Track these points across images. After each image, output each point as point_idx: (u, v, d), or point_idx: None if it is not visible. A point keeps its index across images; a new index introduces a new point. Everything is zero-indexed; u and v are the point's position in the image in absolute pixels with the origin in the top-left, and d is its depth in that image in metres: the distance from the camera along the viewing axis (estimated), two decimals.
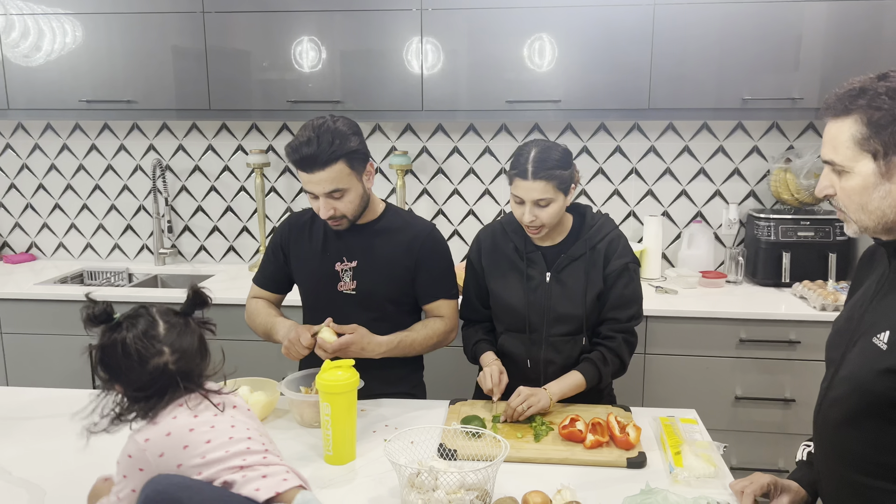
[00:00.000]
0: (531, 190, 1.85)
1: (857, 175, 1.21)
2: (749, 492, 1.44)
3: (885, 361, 1.19)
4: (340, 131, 1.89)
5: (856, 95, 1.19)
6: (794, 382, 2.82)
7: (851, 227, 1.29)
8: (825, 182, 1.28)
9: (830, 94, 1.25)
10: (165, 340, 1.26)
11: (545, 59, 2.90)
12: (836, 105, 1.22)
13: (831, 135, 1.24)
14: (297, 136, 1.90)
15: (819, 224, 3.05)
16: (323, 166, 1.86)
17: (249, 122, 3.44)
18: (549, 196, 1.86)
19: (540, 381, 1.96)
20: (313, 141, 1.86)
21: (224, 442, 1.26)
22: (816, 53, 2.81)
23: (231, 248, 3.60)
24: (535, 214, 1.88)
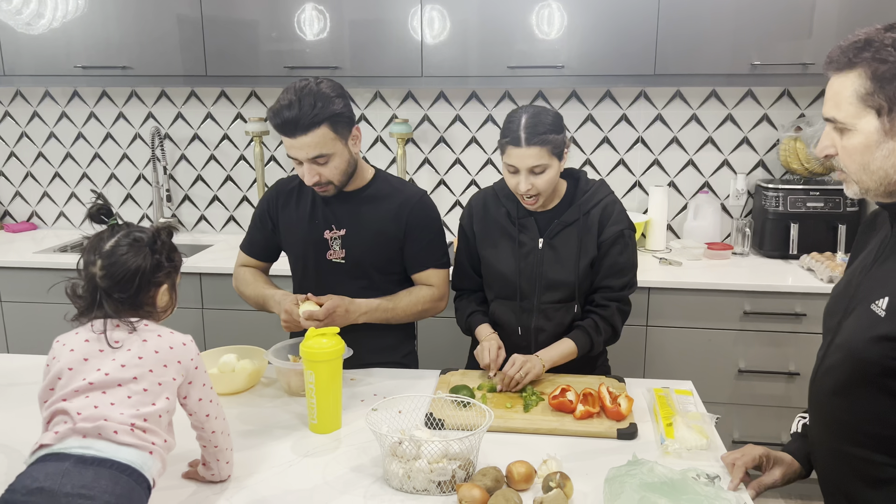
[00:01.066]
0: (525, 157, 1.79)
1: (860, 133, 1.14)
2: (740, 464, 1.40)
3: (882, 328, 1.14)
4: (323, 94, 1.82)
5: (861, 48, 1.12)
6: (798, 355, 2.76)
7: (852, 188, 1.22)
8: (826, 141, 1.21)
9: (834, 47, 1.18)
10: (104, 254, 1.30)
11: (550, 24, 2.81)
12: (840, 58, 1.15)
13: (834, 90, 1.17)
14: (279, 99, 1.84)
15: (829, 195, 2.96)
16: (305, 130, 1.80)
17: (248, 90, 3.39)
18: (543, 162, 1.80)
19: (531, 349, 1.92)
20: (294, 104, 1.80)
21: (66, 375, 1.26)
22: (830, 17, 2.71)
23: (231, 218, 3.57)
24: (530, 183, 1.81)
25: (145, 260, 1.32)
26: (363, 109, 3.35)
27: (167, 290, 1.39)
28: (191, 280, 2.98)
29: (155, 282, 1.34)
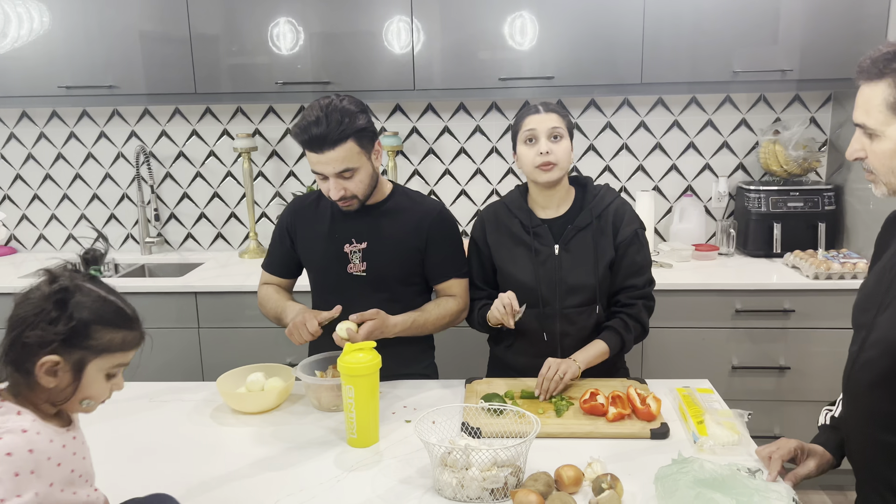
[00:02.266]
0: (545, 120, 1.90)
1: (889, 139, 1.22)
2: (777, 457, 1.46)
3: None
4: (348, 110, 1.86)
5: (890, 59, 1.20)
6: (788, 351, 2.87)
7: (880, 189, 1.31)
8: (856, 145, 1.29)
9: (864, 57, 1.26)
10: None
11: (535, 36, 2.88)
12: (871, 69, 1.23)
13: (864, 98, 1.25)
14: (304, 116, 1.87)
15: (808, 194, 3.09)
16: (333, 145, 1.83)
17: (234, 106, 3.38)
18: (560, 125, 1.91)
19: (557, 354, 1.96)
20: (322, 120, 1.83)
21: None
22: (797, 26, 2.83)
23: (219, 235, 3.54)
24: (549, 148, 1.89)
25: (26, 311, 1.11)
26: None
27: (60, 370, 1.11)
28: (187, 299, 2.96)
29: (35, 348, 1.10)
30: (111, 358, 1.16)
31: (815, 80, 2.90)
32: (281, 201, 3.47)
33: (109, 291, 1.19)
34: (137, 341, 1.20)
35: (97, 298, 1.15)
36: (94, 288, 1.16)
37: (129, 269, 3.38)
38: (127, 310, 1.19)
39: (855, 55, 2.76)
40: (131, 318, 1.19)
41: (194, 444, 1.69)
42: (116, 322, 1.16)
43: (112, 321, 1.15)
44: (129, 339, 1.18)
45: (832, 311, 2.82)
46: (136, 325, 1.20)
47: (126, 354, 1.19)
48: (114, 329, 1.15)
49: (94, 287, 1.17)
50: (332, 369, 1.89)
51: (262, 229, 3.48)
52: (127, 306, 1.20)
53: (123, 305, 1.19)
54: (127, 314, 1.19)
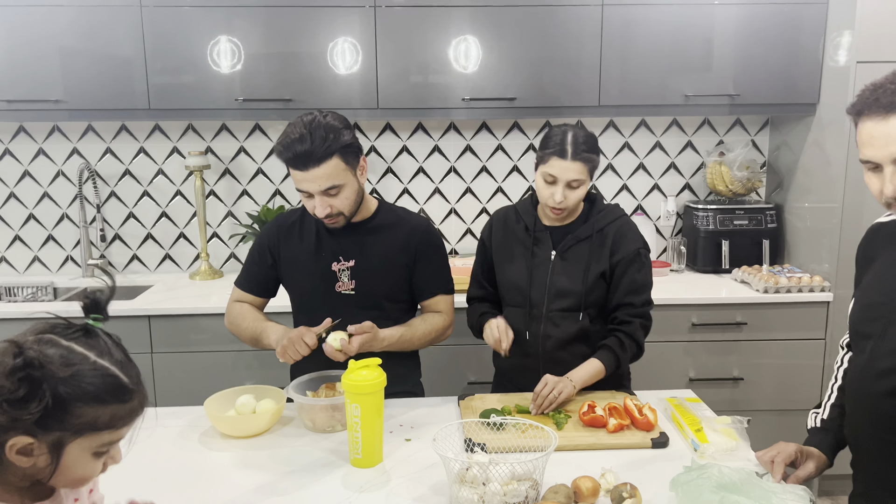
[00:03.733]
0: (568, 170, 1.89)
1: None
2: (779, 460, 1.52)
3: None
4: (333, 126, 1.84)
5: None
6: (741, 362, 3.00)
7: None
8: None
9: (869, 92, 1.28)
10: None
11: (504, 60, 2.93)
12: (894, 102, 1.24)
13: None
14: (287, 133, 1.84)
15: (752, 213, 3.26)
16: (318, 162, 1.80)
17: (185, 123, 3.27)
18: (582, 178, 1.91)
19: (539, 354, 2.01)
20: (306, 137, 1.80)
21: None
22: (740, 55, 2.98)
23: (167, 257, 3.41)
24: (564, 195, 1.91)
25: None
26: None
27: (36, 450, 0.97)
28: (138, 323, 2.83)
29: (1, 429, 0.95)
30: (97, 437, 0.99)
31: (756, 105, 3.07)
32: (234, 221, 3.37)
33: (103, 352, 1.01)
34: (132, 415, 1.02)
35: (79, 368, 0.97)
36: (82, 350, 0.99)
37: (69, 294, 3.21)
38: (122, 377, 1.00)
39: (790, 83, 2.99)
40: (126, 388, 1.00)
41: (188, 472, 1.61)
42: (103, 396, 0.98)
43: (98, 395, 0.97)
44: (119, 415, 1.00)
45: (781, 323, 2.97)
46: (131, 396, 1.01)
47: (116, 432, 1.01)
48: (100, 404, 0.98)
49: (82, 350, 0.99)
50: (325, 389, 1.85)
51: (213, 250, 3.37)
52: (125, 372, 1.01)
53: (118, 372, 1.00)
54: (121, 383, 1.00)
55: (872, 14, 2.76)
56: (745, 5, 2.95)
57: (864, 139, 1.32)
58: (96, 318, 1.05)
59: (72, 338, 1.01)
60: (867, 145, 1.32)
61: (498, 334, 1.93)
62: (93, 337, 1.02)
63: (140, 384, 1.04)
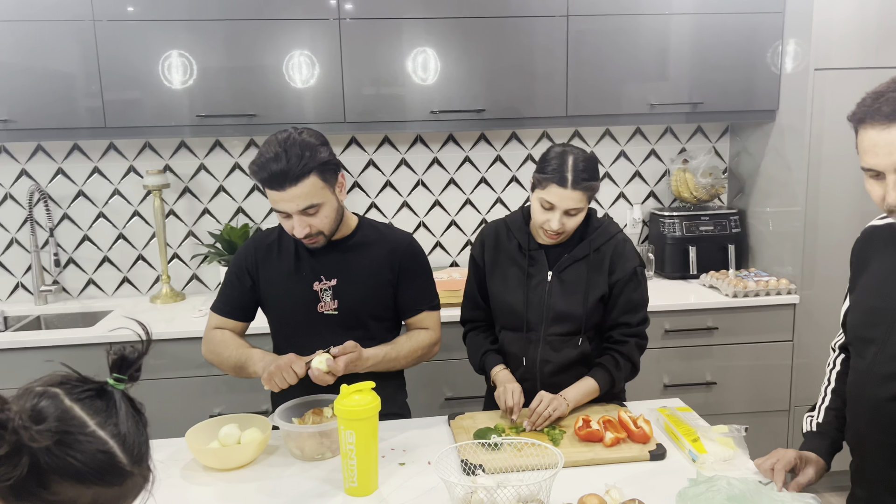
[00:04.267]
0: (567, 198, 1.82)
1: None
2: (780, 468, 1.52)
3: None
4: (309, 143, 1.78)
5: None
6: (713, 367, 3.03)
7: None
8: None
9: (870, 101, 1.29)
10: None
11: (474, 74, 2.91)
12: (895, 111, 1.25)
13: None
14: (262, 152, 1.77)
15: (717, 218, 3.31)
16: (295, 181, 1.74)
17: (142, 141, 3.16)
18: (581, 206, 1.84)
19: (536, 379, 1.96)
20: (281, 156, 1.73)
21: None
22: (702, 64, 3.03)
23: (125, 280, 3.27)
24: (562, 223, 1.85)
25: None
26: None
27: None
28: (97, 352, 2.70)
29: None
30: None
31: (717, 113, 3.12)
32: (195, 241, 3.26)
33: (107, 421, 0.88)
34: (120, 500, 0.90)
35: (73, 437, 0.85)
36: (82, 415, 0.87)
37: (21, 322, 3.05)
38: (119, 455, 0.87)
39: (750, 91, 3.05)
40: (119, 468, 0.88)
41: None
42: (89, 475, 0.85)
43: (82, 473, 0.85)
44: (103, 499, 0.87)
45: (750, 326, 3.01)
46: (123, 479, 0.89)
47: None
48: (81, 484, 0.85)
49: (83, 414, 0.87)
50: (312, 415, 1.78)
51: (174, 272, 3.26)
52: (124, 448, 0.88)
53: (116, 448, 0.87)
54: (114, 462, 0.87)
55: (827, 22, 2.84)
56: (704, 15, 3.00)
57: (867, 147, 1.32)
58: (119, 378, 0.94)
59: (78, 398, 0.89)
60: (869, 153, 1.32)
61: (512, 403, 1.84)
62: (104, 400, 0.90)
63: (142, 464, 0.91)
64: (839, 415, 1.61)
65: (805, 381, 3.08)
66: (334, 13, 2.82)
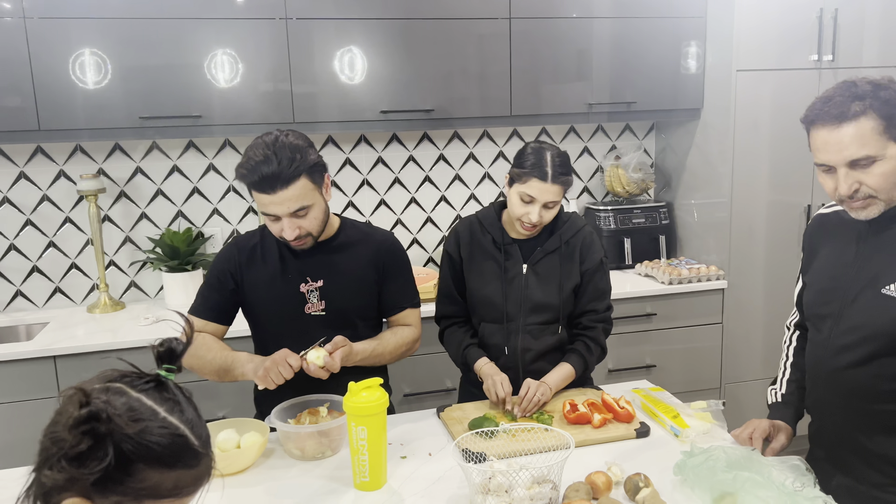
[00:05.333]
0: (548, 192, 1.92)
1: (891, 158, 1.42)
2: (757, 436, 1.67)
3: None
4: (297, 145, 1.79)
5: (859, 97, 1.41)
6: (652, 350, 3.22)
7: (877, 208, 1.46)
8: (849, 181, 1.44)
9: (821, 104, 1.45)
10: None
11: (422, 74, 2.96)
12: (847, 110, 1.41)
13: (852, 135, 1.41)
14: (250, 155, 1.77)
15: (648, 211, 3.51)
16: (286, 184, 1.75)
17: (72, 145, 3.01)
18: (558, 199, 1.95)
19: (518, 369, 2.05)
20: (272, 159, 1.73)
21: None
22: (632, 65, 3.21)
23: (57, 290, 3.11)
24: (541, 215, 1.94)
25: (51, 438, 0.88)
26: (212, 159, 3.17)
27: None
28: (41, 366, 2.58)
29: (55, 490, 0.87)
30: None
31: (647, 112, 3.32)
32: (133, 247, 3.15)
33: (174, 408, 0.92)
34: (196, 483, 0.93)
35: (149, 424, 0.88)
36: (151, 405, 0.90)
37: None
38: (192, 438, 0.91)
39: (677, 90, 3.25)
40: (194, 450, 0.91)
41: None
42: (170, 459, 0.89)
43: (163, 457, 0.88)
44: (183, 481, 0.91)
45: (684, 311, 3.22)
46: (199, 460, 0.92)
47: (178, 501, 0.91)
48: (165, 468, 0.88)
49: (152, 403, 0.90)
50: (308, 415, 1.79)
51: (112, 279, 3.13)
52: (195, 432, 0.92)
53: (188, 432, 0.91)
54: (189, 445, 0.90)
55: (748, 27, 3.07)
56: (634, 19, 3.17)
57: (819, 146, 1.49)
58: (170, 369, 0.96)
59: (142, 389, 0.92)
60: (821, 151, 1.49)
61: (503, 394, 1.92)
62: (164, 390, 0.93)
63: (208, 448, 0.95)
64: (800, 385, 1.77)
65: (733, 361, 3.33)
66: (281, 13, 2.80)
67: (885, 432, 1.53)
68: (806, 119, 1.52)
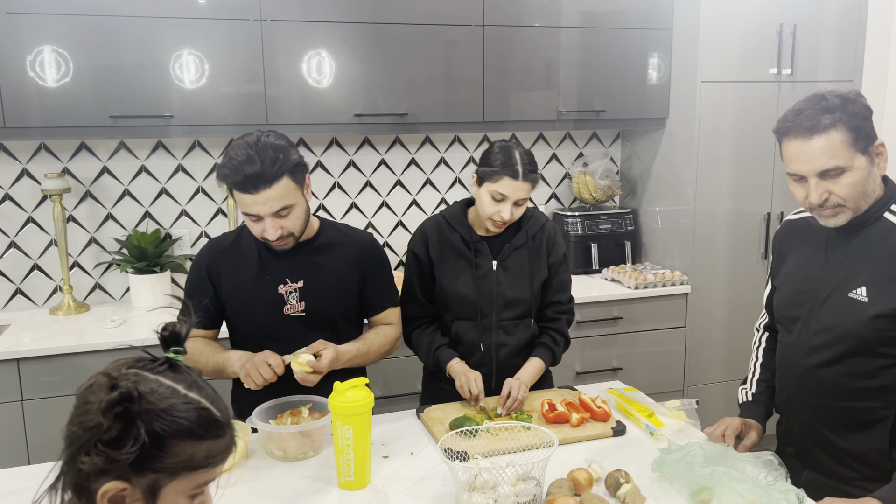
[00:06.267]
0: (519, 189, 1.95)
1: (859, 169, 1.50)
2: (730, 433, 1.73)
3: (871, 310, 1.51)
4: (279, 145, 1.79)
5: (828, 110, 1.47)
6: (619, 353, 3.29)
7: (845, 216, 1.53)
8: (819, 190, 1.51)
9: (793, 116, 1.51)
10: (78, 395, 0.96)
11: (396, 77, 2.98)
12: (818, 123, 1.47)
13: (822, 147, 1.47)
14: (232, 156, 1.76)
15: (614, 217, 3.58)
16: (269, 184, 1.75)
17: (36, 143, 2.95)
18: (528, 195, 2.00)
19: (493, 364, 2.09)
20: (255, 158, 1.74)
21: None
22: (600, 75, 3.28)
23: (18, 292, 3.03)
24: (512, 212, 1.98)
25: (81, 425, 0.90)
26: (181, 160, 3.14)
27: (128, 497, 0.90)
28: (5, 368, 2.52)
29: (93, 475, 0.89)
30: (193, 477, 0.93)
31: (615, 120, 3.39)
32: (98, 248, 3.09)
33: (192, 385, 0.95)
34: (226, 452, 0.97)
35: (173, 401, 0.91)
36: (171, 384, 0.93)
37: None
38: (215, 411, 0.95)
39: (644, 100, 3.34)
40: (219, 422, 0.95)
41: None
42: (199, 431, 0.92)
43: (193, 431, 0.92)
44: (215, 451, 0.95)
45: (649, 315, 3.30)
46: (225, 430, 0.97)
47: (211, 471, 0.96)
48: (196, 441, 0.92)
49: (171, 383, 0.93)
50: (290, 415, 1.79)
51: (76, 281, 3.06)
52: (216, 405, 0.96)
53: (210, 405, 0.95)
54: (214, 417, 0.94)
55: (712, 40, 3.17)
56: (602, 29, 3.25)
57: (790, 156, 1.56)
58: (178, 351, 0.99)
59: (158, 371, 0.94)
60: (793, 161, 1.55)
61: (476, 391, 1.95)
62: (178, 371, 0.96)
63: (230, 419, 1.00)
64: (769, 385, 1.84)
65: (696, 363, 3.42)
66: (255, 14, 2.79)
67: (853, 429, 1.60)
68: (778, 131, 1.59)
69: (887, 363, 1.53)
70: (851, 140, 1.48)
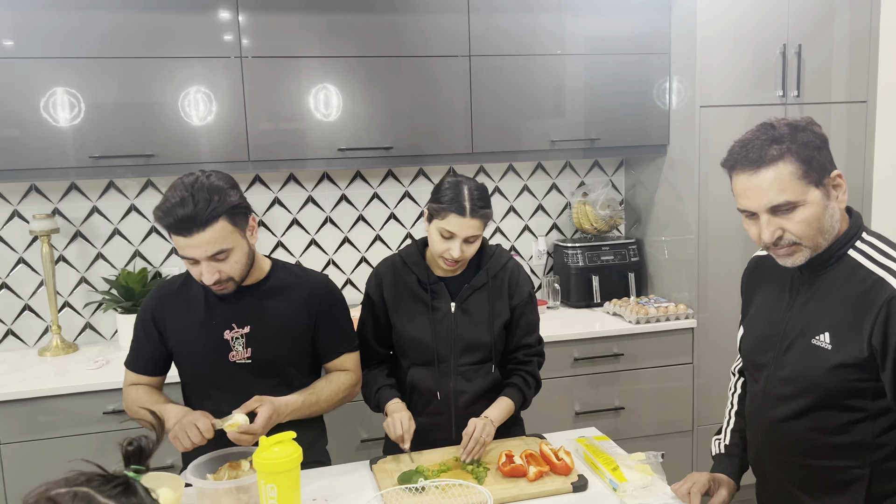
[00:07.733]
0: (467, 227, 1.86)
1: (812, 204, 1.37)
2: (696, 490, 1.58)
3: (834, 358, 1.37)
4: (217, 186, 1.73)
5: (776, 140, 1.35)
6: (621, 391, 3.13)
7: (803, 255, 1.40)
8: (772, 227, 1.38)
9: (739, 148, 1.39)
10: None
11: (381, 111, 2.92)
12: (765, 155, 1.35)
13: (771, 180, 1.35)
14: (167, 197, 1.72)
15: (616, 248, 3.44)
16: (203, 227, 1.69)
17: (27, 185, 2.98)
18: (479, 233, 1.90)
19: (451, 412, 1.97)
20: (188, 200, 1.68)
21: None
22: (599, 102, 3.17)
23: (9, 332, 3.05)
24: (462, 250, 1.89)
25: None
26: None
27: None
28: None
29: None
30: None
31: (613, 148, 3.27)
32: (88, 287, 3.09)
33: None
34: None
35: None
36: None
37: None
38: None
39: (643, 127, 3.21)
40: None
41: None
42: None
43: None
44: None
45: (653, 351, 3.14)
46: None
47: None
48: None
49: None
50: (228, 468, 1.70)
51: (65, 321, 3.06)
52: None
53: None
54: None
55: (709, 64, 3.04)
56: (597, 56, 3.15)
57: (739, 191, 1.43)
58: (138, 469, 0.93)
59: (110, 495, 0.86)
60: (743, 196, 1.43)
61: (401, 431, 1.85)
62: (132, 494, 0.88)
63: None
64: (744, 436, 1.69)
65: (706, 401, 3.23)
66: (235, 51, 2.78)
67: (826, 489, 1.45)
68: (725, 163, 1.47)
69: (856, 417, 1.38)
70: (802, 172, 1.35)
